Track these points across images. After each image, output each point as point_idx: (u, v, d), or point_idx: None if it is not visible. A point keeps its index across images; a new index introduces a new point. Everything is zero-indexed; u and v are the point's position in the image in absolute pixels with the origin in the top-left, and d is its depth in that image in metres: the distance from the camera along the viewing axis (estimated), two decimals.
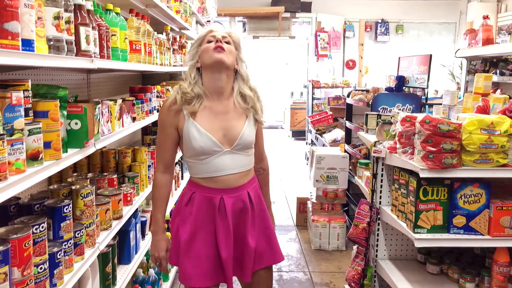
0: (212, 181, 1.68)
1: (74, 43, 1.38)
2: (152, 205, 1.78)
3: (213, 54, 1.64)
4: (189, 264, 1.66)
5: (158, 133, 1.76)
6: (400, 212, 2.04)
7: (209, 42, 1.68)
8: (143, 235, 2.41)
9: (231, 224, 1.68)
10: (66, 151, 1.37)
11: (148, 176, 2.40)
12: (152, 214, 1.79)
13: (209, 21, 5.46)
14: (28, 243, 1.14)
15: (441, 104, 2.61)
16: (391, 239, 2.32)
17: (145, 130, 2.97)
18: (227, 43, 1.70)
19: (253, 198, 1.75)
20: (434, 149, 1.78)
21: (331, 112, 5.94)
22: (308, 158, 5.44)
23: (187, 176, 3.63)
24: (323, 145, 5.06)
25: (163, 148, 1.75)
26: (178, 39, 3.24)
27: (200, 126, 1.64)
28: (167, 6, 2.74)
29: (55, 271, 1.30)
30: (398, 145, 2.01)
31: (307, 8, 8.58)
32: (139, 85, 3.05)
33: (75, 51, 1.39)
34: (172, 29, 3.22)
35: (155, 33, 2.45)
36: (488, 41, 4.00)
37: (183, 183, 3.49)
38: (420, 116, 1.84)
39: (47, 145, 1.23)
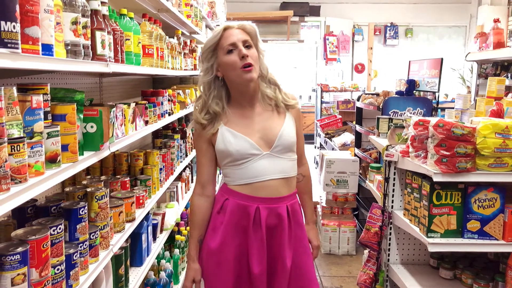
0: (250, 188, 1.54)
1: (90, 47, 1.40)
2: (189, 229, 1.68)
3: (243, 75, 1.49)
4: (216, 279, 1.56)
5: (196, 154, 1.67)
6: (413, 216, 2.03)
7: (229, 51, 1.50)
8: (154, 238, 2.42)
9: (265, 239, 1.54)
10: (82, 154, 1.38)
11: (160, 179, 2.42)
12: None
13: (218, 25, 5.50)
14: (46, 244, 1.15)
15: (452, 108, 2.60)
16: (403, 243, 2.31)
17: (156, 134, 2.99)
18: (249, 46, 1.52)
19: (291, 214, 1.58)
20: (447, 153, 1.77)
21: (340, 116, 5.93)
22: (317, 162, 5.43)
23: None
24: (332, 149, 5.04)
25: (199, 167, 1.65)
26: (188, 43, 3.27)
27: (235, 130, 1.54)
28: (178, 11, 2.77)
29: (71, 272, 1.31)
30: (410, 149, 2.00)
31: (316, 12, 8.59)
32: (149, 88, 3.08)
33: (91, 56, 1.41)
34: (182, 34, 3.25)
35: (167, 37, 2.48)
36: (499, 45, 3.98)
37: (193, 186, 3.50)
38: (433, 120, 1.83)
39: (64, 148, 1.24)
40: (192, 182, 3.52)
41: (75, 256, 1.33)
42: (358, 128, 4.29)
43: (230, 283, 1.55)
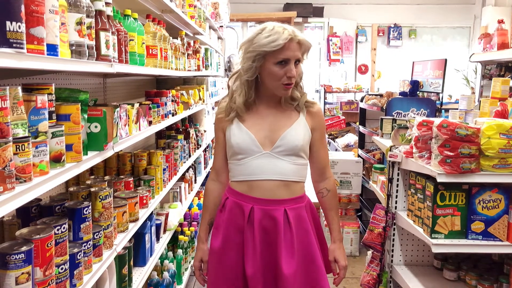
0: (246, 186, 1.55)
1: (94, 48, 1.40)
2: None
3: (281, 90, 1.49)
4: (217, 277, 1.57)
5: (214, 141, 1.70)
6: (417, 217, 2.02)
7: (279, 63, 1.45)
8: (158, 238, 2.42)
9: (258, 241, 1.51)
10: (86, 154, 1.39)
11: (163, 180, 2.42)
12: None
13: (221, 26, 5.51)
14: (50, 244, 1.16)
15: (456, 109, 2.59)
16: (407, 244, 2.30)
17: (159, 134, 3.00)
18: (297, 62, 1.49)
19: (291, 219, 1.52)
20: (451, 153, 1.77)
21: (343, 117, 5.92)
22: None
23: (200, 180, 3.66)
24: (336, 150, 5.04)
25: (215, 154, 1.69)
26: (192, 44, 3.28)
27: (243, 124, 1.54)
28: (182, 12, 2.78)
29: (75, 272, 1.31)
30: (414, 150, 2.00)
31: (319, 13, 8.58)
32: (153, 89, 3.09)
33: (95, 56, 1.41)
34: (186, 34, 3.26)
35: (171, 38, 2.48)
36: (503, 46, 3.96)
37: (196, 187, 3.51)
38: (437, 121, 1.83)
39: (68, 147, 1.25)
40: (195, 182, 3.53)
41: (79, 256, 1.34)
42: (361, 129, 4.29)
43: (230, 282, 1.55)
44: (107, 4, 1.51)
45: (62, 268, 1.24)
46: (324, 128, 1.65)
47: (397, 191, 2.25)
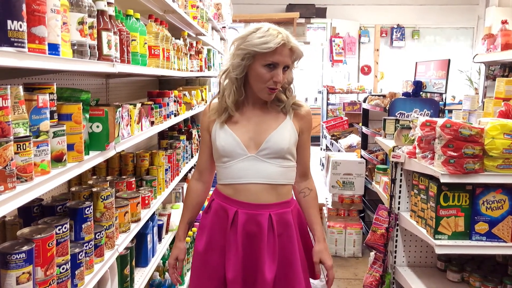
0: (231, 189, 1.53)
1: (96, 47, 1.40)
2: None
3: (264, 93, 1.47)
4: (199, 279, 1.57)
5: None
6: (420, 218, 2.01)
7: (267, 65, 1.42)
8: (160, 238, 2.42)
9: (241, 245, 1.49)
10: (88, 154, 1.39)
11: (165, 180, 2.42)
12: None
13: (224, 27, 5.51)
14: (51, 243, 1.15)
15: (460, 109, 2.57)
16: (410, 245, 2.29)
17: (162, 135, 3.00)
18: (286, 68, 1.47)
19: (275, 224, 1.50)
20: (455, 154, 1.75)
21: (346, 118, 5.91)
22: (323, 164, 5.41)
23: None
24: (339, 151, 5.03)
25: (200, 152, 1.67)
26: (194, 44, 3.28)
27: (228, 126, 1.52)
28: (185, 12, 2.78)
29: (76, 272, 1.31)
30: (417, 150, 1.99)
31: (322, 13, 8.59)
32: (155, 89, 3.09)
33: (97, 56, 1.41)
34: (188, 35, 3.25)
35: (173, 38, 2.48)
36: (507, 46, 3.93)
37: None
38: (440, 121, 1.82)
39: (70, 147, 1.25)
40: None
41: (80, 256, 1.33)
42: (364, 129, 4.28)
43: (213, 285, 1.53)
44: (109, 4, 1.51)
45: (63, 268, 1.23)
46: (311, 130, 1.64)
47: (400, 191, 2.24)
